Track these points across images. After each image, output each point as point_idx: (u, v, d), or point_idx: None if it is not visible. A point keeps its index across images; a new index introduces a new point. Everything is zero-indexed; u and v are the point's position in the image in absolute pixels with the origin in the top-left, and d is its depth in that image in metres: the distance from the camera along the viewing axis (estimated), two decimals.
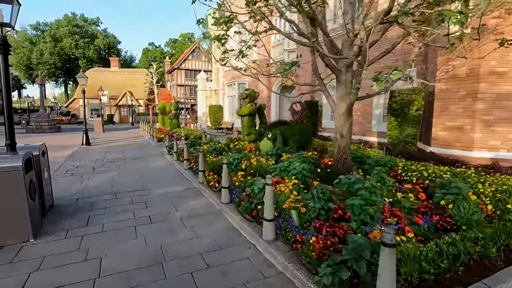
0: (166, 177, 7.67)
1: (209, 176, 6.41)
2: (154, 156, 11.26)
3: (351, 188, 4.20)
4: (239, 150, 8.93)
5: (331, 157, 7.03)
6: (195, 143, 9.96)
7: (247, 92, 10.37)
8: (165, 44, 72.16)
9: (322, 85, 6.01)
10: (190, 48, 44.73)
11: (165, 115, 21.44)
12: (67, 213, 5.03)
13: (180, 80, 42.56)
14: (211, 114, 24.58)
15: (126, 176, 7.78)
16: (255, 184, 4.66)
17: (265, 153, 7.25)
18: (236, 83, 20.67)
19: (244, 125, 10.42)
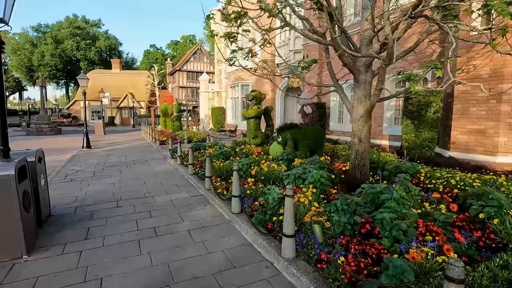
0: (170, 183, 7.30)
1: (216, 183, 6.03)
2: (157, 159, 10.89)
3: (377, 199, 3.81)
4: (246, 154, 8.56)
5: (345, 162, 6.65)
6: (200, 146, 9.60)
7: (253, 93, 10.01)
8: (166, 46, 72.11)
9: (337, 86, 5.64)
10: (192, 49, 44.45)
11: (167, 117, 21.11)
12: (65, 223, 4.65)
13: (182, 82, 42.28)
14: (213, 116, 24.23)
15: (128, 182, 7.41)
16: (269, 193, 4.28)
17: (274, 157, 6.87)
18: (239, 84, 20.33)
19: (250, 128, 10.06)
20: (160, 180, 7.57)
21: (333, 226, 3.32)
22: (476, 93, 6.45)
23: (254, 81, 19.43)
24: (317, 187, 4.30)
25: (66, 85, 57.49)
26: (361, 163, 5.25)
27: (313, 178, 4.36)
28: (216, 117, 23.85)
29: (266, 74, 6.33)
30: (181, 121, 19.27)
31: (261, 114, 10.00)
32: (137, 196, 6.18)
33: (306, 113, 7.35)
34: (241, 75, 19.98)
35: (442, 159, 6.84)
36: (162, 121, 21.33)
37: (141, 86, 42.35)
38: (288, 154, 6.47)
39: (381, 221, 3.27)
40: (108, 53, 54.65)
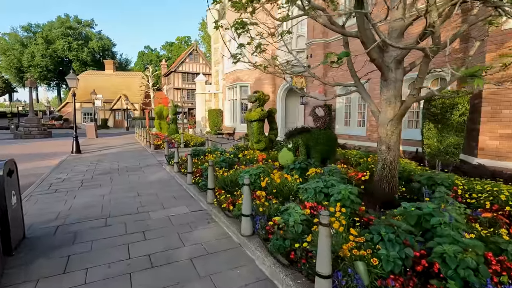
0: (167, 194, 6.51)
1: (220, 196, 5.28)
2: (152, 166, 10.07)
3: (424, 222, 3.10)
4: (250, 160, 7.82)
5: (363, 171, 5.95)
6: (199, 152, 8.83)
7: (256, 94, 9.29)
8: (161, 47, 71.11)
9: (359, 85, 4.94)
10: (187, 50, 43.63)
11: (162, 120, 20.26)
12: (41, 249, 3.86)
13: (177, 83, 41.40)
14: (210, 119, 23.44)
15: (120, 193, 6.60)
16: (288, 213, 3.55)
17: (284, 166, 6.16)
18: (237, 86, 19.60)
19: (252, 132, 9.32)
20: (156, 191, 6.78)
21: (380, 262, 2.60)
22: (509, 94, 5.82)
23: (253, 82, 18.73)
24: (346, 206, 3.58)
25: (57, 87, 56.11)
26: (389, 174, 4.55)
27: (341, 194, 3.64)
28: (213, 120, 23.07)
29: (278, 72, 5.59)
30: (177, 124, 18.45)
31: (265, 116, 9.28)
32: (129, 211, 5.39)
33: (318, 116, 6.65)
34: (239, 76, 19.26)
35: (469, 166, 6.19)
36: (157, 123, 20.47)
37: (135, 88, 41.36)
38: (301, 163, 5.75)
39: (441, 255, 2.55)
40: (101, 54, 53.49)
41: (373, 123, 10.21)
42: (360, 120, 11.08)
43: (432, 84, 8.54)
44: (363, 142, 10.46)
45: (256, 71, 18.06)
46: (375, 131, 10.13)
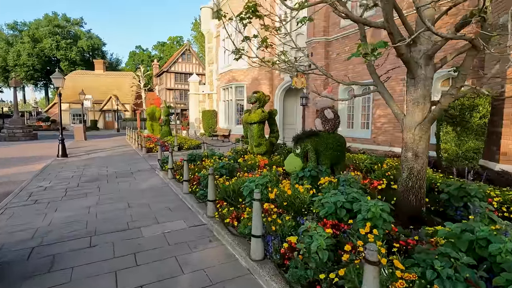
0: (161, 205, 5.86)
1: (222, 209, 4.67)
2: (144, 171, 9.37)
3: (479, 249, 2.55)
4: (251, 166, 7.22)
5: (379, 180, 5.42)
6: (195, 157, 8.18)
7: (256, 95, 8.70)
8: (153, 48, 69.92)
9: (380, 84, 4.40)
10: (180, 50, 42.76)
11: (155, 121, 19.50)
12: (9, 280, 3.18)
13: (170, 83, 40.51)
14: (204, 120, 22.77)
15: (108, 204, 5.92)
16: (309, 236, 2.97)
17: (292, 173, 5.58)
18: (233, 86, 18.98)
19: (252, 135, 8.73)
20: (148, 201, 6.11)
21: None
22: None
23: (249, 82, 18.16)
24: (378, 227, 3.01)
25: (45, 87, 54.45)
26: (416, 185, 4.01)
27: (371, 212, 3.07)
28: (207, 121, 22.40)
29: (286, 68, 5.03)
30: (170, 126, 17.71)
31: (266, 118, 8.70)
32: (118, 226, 4.73)
33: (327, 118, 6.09)
34: (235, 75, 18.65)
35: (492, 173, 5.71)
36: (149, 125, 19.69)
37: (126, 88, 40.32)
38: (311, 170, 5.18)
39: None
40: (91, 54, 52.13)
41: (378, 125, 9.74)
42: (364, 122, 10.59)
43: (442, 84, 8.09)
44: (368, 145, 9.97)
45: (252, 70, 17.50)
46: (380, 134, 9.66)
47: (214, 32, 22.61)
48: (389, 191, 5.10)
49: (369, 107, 10.19)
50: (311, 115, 12.01)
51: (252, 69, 17.56)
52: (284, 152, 8.73)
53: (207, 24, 23.23)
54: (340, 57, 11.13)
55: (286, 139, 13.58)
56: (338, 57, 11.21)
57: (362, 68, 10.26)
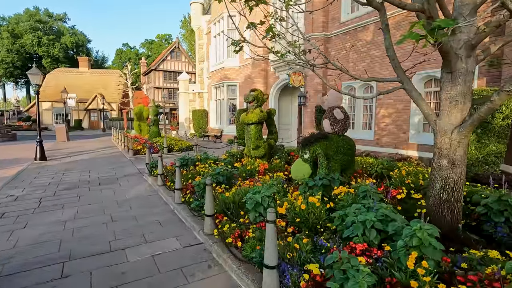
0: (150, 218, 5.11)
1: (223, 225, 3.99)
2: (131, 176, 8.56)
3: None
4: (250, 172, 6.55)
5: (397, 189, 4.84)
6: (188, 161, 7.44)
7: (254, 93, 8.03)
8: (140, 45, 68.17)
9: (406, 80, 3.79)
10: (168, 47, 41.55)
11: (142, 121, 18.55)
12: None
13: (158, 82, 39.29)
14: (194, 120, 21.93)
15: (88, 218, 5.13)
16: (345, 271, 2.32)
17: (300, 181, 4.94)
18: (225, 85, 18.23)
19: (250, 136, 8.05)
20: (135, 213, 5.36)
21: None
22: None
23: (242, 81, 17.46)
24: (428, 258, 2.39)
25: (26, 85, 52.11)
26: (452, 198, 3.43)
27: (417, 239, 2.45)
28: (197, 121, 21.57)
29: (293, 61, 4.41)
30: (159, 126, 16.80)
31: (265, 119, 8.04)
32: (98, 248, 3.97)
33: (337, 119, 5.48)
34: (227, 74, 17.91)
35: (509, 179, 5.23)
36: (136, 125, 18.71)
37: (113, 87, 38.88)
38: (323, 178, 4.55)
39: None
40: (75, 50, 50.19)
41: (381, 126, 9.23)
42: (365, 122, 10.08)
43: None
44: (371, 147, 9.45)
45: (245, 68, 16.80)
46: (384, 135, 9.15)
47: (205, 29, 21.79)
48: (409, 201, 4.52)
49: (372, 107, 9.67)
50: (309, 115, 11.42)
51: (245, 67, 16.88)
52: (284, 155, 8.09)
53: (197, 20, 22.37)
54: (339, 54, 10.58)
55: (283, 141, 12.96)
56: (337, 54, 10.65)
57: (362, 66, 9.74)
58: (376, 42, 9.19)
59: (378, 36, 9.10)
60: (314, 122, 10.99)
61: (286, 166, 7.21)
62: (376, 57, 9.23)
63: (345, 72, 4.29)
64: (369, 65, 9.49)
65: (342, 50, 10.42)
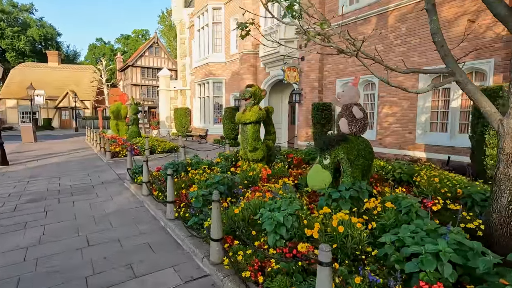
0: (137, 240, 4.17)
1: (235, 253, 3.15)
2: (109, 184, 7.47)
3: None
4: (252, 178, 5.72)
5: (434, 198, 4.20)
6: (178, 166, 6.48)
7: (251, 89, 7.18)
8: (115, 41, 65.05)
9: (458, 70, 3.12)
10: (146, 43, 39.60)
11: (120, 120, 17.16)
12: None
13: (136, 79, 37.34)
14: (176, 119, 20.73)
15: (57, 242, 4.10)
16: None
17: (318, 191, 4.19)
18: (210, 81, 17.22)
19: (247, 137, 7.20)
20: (118, 233, 4.38)
21: None
22: None
23: (228, 77, 16.56)
24: None
25: None
26: None
27: None
28: (180, 120, 20.39)
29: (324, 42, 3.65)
30: (139, 125, 15.50)
31: (264, 117, 7.22)
32: (70, 284, 3.01)
33: (356, 118, 4.78)
34: (212, 69, 16.92)
35: None
36: (113, 124, 17.27)
37: (86, 83, 36.53)
38: (349, 188, 3.81)
39: None
40: (43, 44, 46.82)
41: (384, 126, 8.70)
42: None
43: None
44: (373, 147, 8.86)
45: (232, 64, 15.88)
46: (388, 135, 8.63)
47: (187, 22, 20.61)
48: (445, 213, 3.90)
49: (374, 105, 9.12)
50: (304, 113, 10.74)
51: (232, 62, 15.98)
52: (285, 158, 7.33)
53: (179, 13, 21.14)
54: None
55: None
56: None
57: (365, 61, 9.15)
58: (379, 36, 8.63)
59: (381, 29, 8.54)
60: (311, 122, 10.32)
61: (290, 170, 6.45)
62: (380, 52, 8.65)
63: (378, 62, 3.58)
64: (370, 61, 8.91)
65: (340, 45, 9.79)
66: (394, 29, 8.30)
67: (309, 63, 10.44)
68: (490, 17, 6.05)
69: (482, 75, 6.74)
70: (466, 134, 7.08)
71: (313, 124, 10.13)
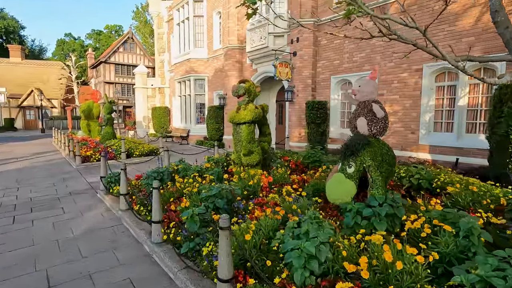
0: (115, 275, 3.23)
1: None
2: (79, 195, 6.36)
3: None
4: (252, 188, 4.91)
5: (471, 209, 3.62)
6: (163, 175, 5.53)
7: (244, 85, 6.37)
8: (86, 36, 61.50)
9: None
10: (121, 38, 37.41)
11: (92, 120, 15.70)
12: None
13: (109, 76, 35.12)
14: (155, 119, 19.47)
15: (5, 284, 3.08)
16: None
17: (341, 206, 3.47)
18: (191, 78, 16.16)
19: (240, 139, 6.39)
20: (90, 267, 3.41)
21: None
22: None
23: (211, 74, 15.61)
24: None
25: None
26: None
27: None
28: (158, 120, 19.16)
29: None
30: (113, 126, 14.15)
31: (261, 116, 6.44)
32: None
33: (377, 118, 4.12)
34: (193, 66, 15.88)
35: None
36: (84, 125, 15.76)
37: (53, 81, 33.90)
38: (383, 203, 3.12)
39: None
40: (5, 38, 43.11)
41: None
42: None
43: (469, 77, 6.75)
44: None
45: (215, 60, 14.91)
46: (388, 136, 8.11)
47: (165, 16, 19.36)
48: (489, 228, 3.30)
49: None
50: (297, 113, 10.06)
51: (215, 58, 15.05)
52: (281, 162, 6.57)
53: (156, 6, 19.83)
54: (332, 44, 9.36)
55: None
56: (330, 43, 9.43)
57: (361, 57, 8.63)
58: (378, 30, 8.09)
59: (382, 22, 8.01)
60: (305, 121, 9.66)
61: (293, 176, 5.70)
62: (378, 47, 8.15)
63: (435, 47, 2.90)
64: (369, 56, 8.39)
65: (335, 39, 9.21)
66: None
67: (301, 59, 9.77)
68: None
69: (492, 72, 6.35)
70: (475, 134, 6.70)
71: (307, 124, 9.47)
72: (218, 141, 13.88)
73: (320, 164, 6.66)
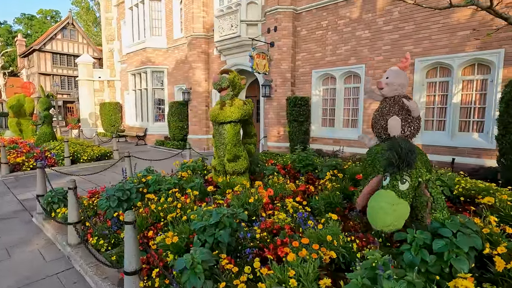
0: None
1: None
2: (7, 222, 4.67)
3: None
4: (253, 208, 3.86)
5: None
6: (130, 191, 4.15)
7: (228, 76, 5.26)
8: (15, 21, 53.42)
9: None
10: (59, 23, 32.77)
11: (24, 118, 13.03)
12: None
13: (44, 67, 30.56)
14: (104, 116, 17.14)
15: None
16: None
17: (386, 232, 2.62)
18: (148, 70, 14.31)
19: (224, 141, 5.28)
20: None
21: None
22: None
23: (172, 66, 14.02)
24: None
25: None
26: None
27: None
28: (108, 117, 16.90)
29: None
30: (52, 124, 11.77)
31: (250, 114, 5.39)
32: None
33: (411, 117, 3.38)
34: (150, 56, 14.09)
35: None
36: (13, 124, 13.00)
37: None
38: (457, 232, 2.33)
39: None
40: None
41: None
42: (347, 119, 8.42)
43: (464, 72, 6.47)
44: (357, 148, 7.83)
45: (177, 50, 13.28)
46: None
47: None
48: None
49: (357, 100, 8.06)
50: (275, 109, 9.15)
51: (176, 48, 13.47)
52: (273, 168, 5.59)
53: None
54: (313, 35, 8.61)
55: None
56: (311, 34, 8.67)
57: (345, 50, 8.02)
58: (365, 20, 7.54)
59: (368, 13, 7.46)
60: (285, 119, 8.81)
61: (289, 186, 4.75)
62: (364, 39, 7.59)
63: None
64: (355, 49, 7.80)
65: (317, 30, 8.47)
66: (384, 13, 7.28)
67: (280, 50, 8.85)
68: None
69: (487, 68, 6.11)
70: (468, 133, 6.47)
71: (288, 122, 8.63)
72: (182, 141, 12.43)
73: (314, 168, 5.84)
